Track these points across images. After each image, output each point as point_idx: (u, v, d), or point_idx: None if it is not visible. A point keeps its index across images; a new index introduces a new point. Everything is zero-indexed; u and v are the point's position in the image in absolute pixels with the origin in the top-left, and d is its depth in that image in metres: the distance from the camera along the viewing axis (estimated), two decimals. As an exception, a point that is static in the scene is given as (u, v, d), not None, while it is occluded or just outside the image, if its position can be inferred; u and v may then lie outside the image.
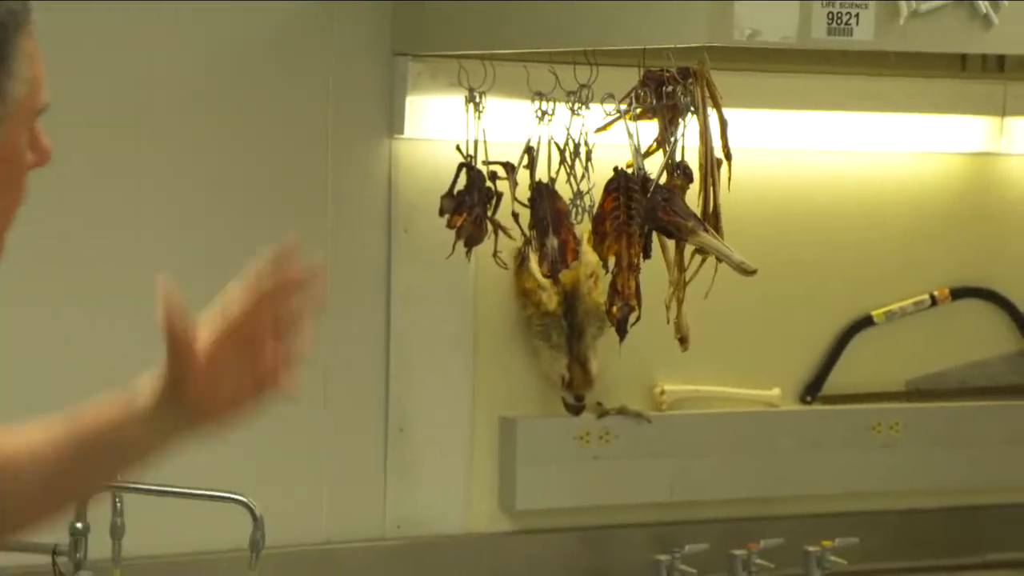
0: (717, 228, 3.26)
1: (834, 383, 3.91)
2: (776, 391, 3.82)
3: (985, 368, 4.06)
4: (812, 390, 3.86)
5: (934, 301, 3.93)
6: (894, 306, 3.91)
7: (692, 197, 3.27)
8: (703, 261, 3.24)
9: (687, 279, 3.27)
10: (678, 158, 3.27)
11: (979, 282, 4.02)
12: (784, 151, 3.92)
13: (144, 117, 3.53)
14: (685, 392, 3.76)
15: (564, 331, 3.58)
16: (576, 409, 3.56)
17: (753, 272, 3.21)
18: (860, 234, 3.95)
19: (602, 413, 3.60)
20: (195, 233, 3.59)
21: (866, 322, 3.90)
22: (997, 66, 3.90)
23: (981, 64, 3.91)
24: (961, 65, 3.87)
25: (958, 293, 3.97)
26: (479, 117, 3.40)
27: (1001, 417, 4.07)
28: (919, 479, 4.00)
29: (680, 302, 3.28)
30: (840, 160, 3.96)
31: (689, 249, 3.25)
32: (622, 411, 3.62)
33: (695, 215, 3.25)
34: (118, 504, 2.95)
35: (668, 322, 3.30)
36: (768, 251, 3.64)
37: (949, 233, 4.04)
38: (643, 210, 3.26)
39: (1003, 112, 3.96)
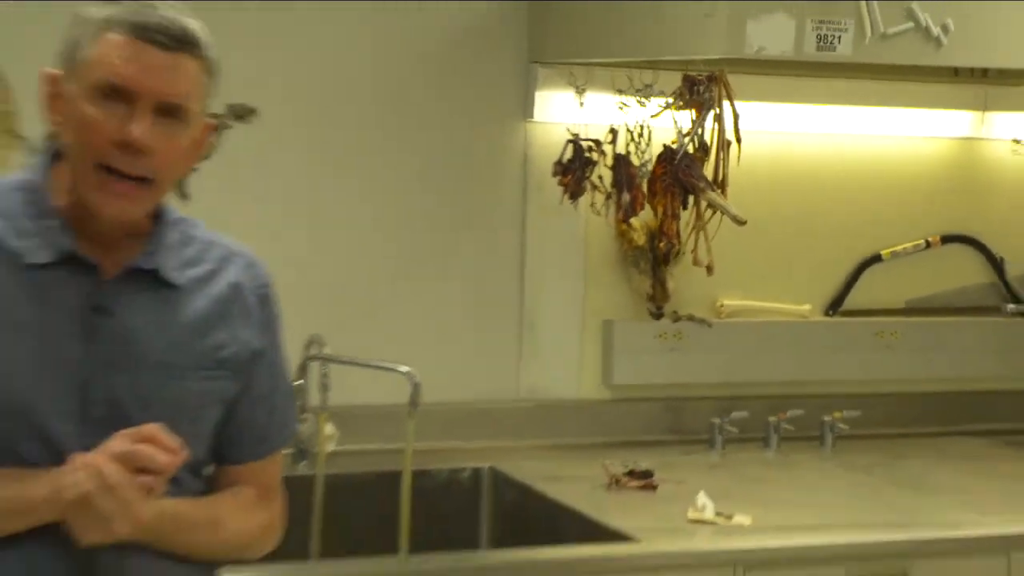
0: (724, 190, 3.72)
1: (851, 302, 4.27)
2: (807, 306, 4.21)
3: (964, 293, 4.41)
4: (834, 306, 4.25)
5: (928, 244, 4.28)
6: (898, 247, 4.26)
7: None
8: (714, 213, 3.72)
9: (702, 223, 3.76)
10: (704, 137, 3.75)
11: (962, 231, 4.36)
12: (823, 135, 4.28)
13: (346, 114, 3.88)
14: (739, 306, 4.12)
15: (649, 260, 4.01)
16: (657, 315, 4.02)
17: (744, 223, 3.67)
18: (875, 195, 4.30)
19: (676, 319, 4.03)
20: (390, 201, 3.93)
21: (876, 259, 4.24)
22: (982, 73, 4.15)
23: (970, 72, 4.18)
24: (955, 72, 4.14)
25: (946, 239, 4.32)
26: (582, 106, 3.87)
27: (974, 328, 4.42)
28: (910, 372, 4.33)
29: (698, 240, 3.79)
30: (863, 143, 4.31)
31: (702, 204, 3.77)
32: (690, 318, 4.03)
33: (706, 178, 3.71)
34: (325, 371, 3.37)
35: (695, 259, 3.83)
36: (805, 206, 4.21)
37: (941, 196, 4.37)
38: (677, 170, 3.75)
39: (984, 108, 4.28)
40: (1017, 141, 4.33)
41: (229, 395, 2.17)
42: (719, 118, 3.72)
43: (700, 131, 3.73)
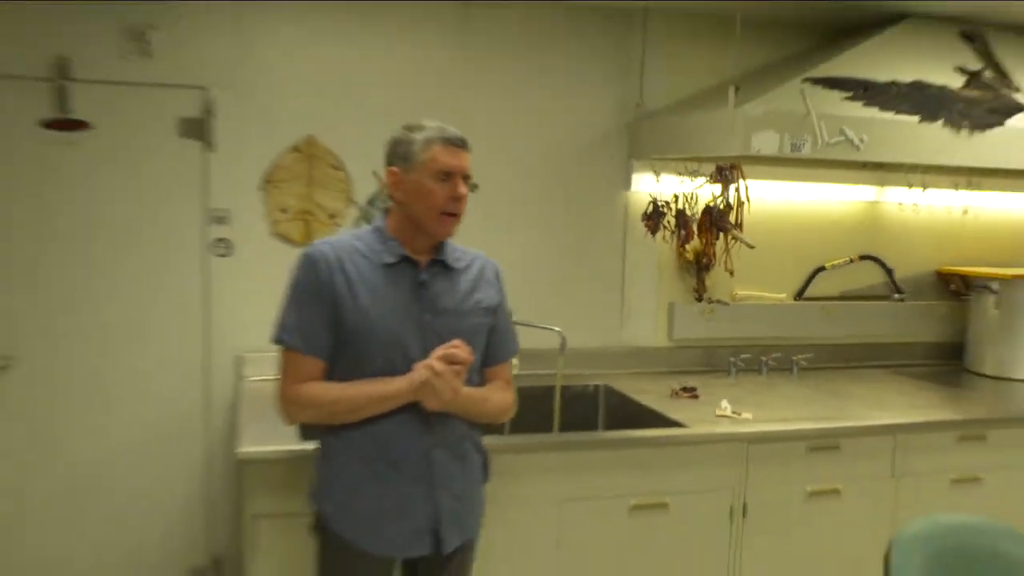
0: (741, 228, 3.86)
1: (808, 292, 4.23)
2: (784, 294, 4.18)
3: (871, 288, 4.33)
4: (799, 295, 4.21)
5: (851, 260, 4.25)
6: (835, 261, 4.23)
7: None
8: (735, 242, 3.87)
9: (729, 248, 3.89)
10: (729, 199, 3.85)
11: (870, 252, 4.30)
12: (795, 198, 4.13)
13: (529, 184, 3.78)
14: (747, 295, 4.10)
15: (694, 269, 3.99)
16: (699, 300, 4.02)
17: (753, 247, 3.84)
18: (823, 232, 4.23)
19: (709, 301, 4.02)
20: (552, 233, 3.85)
21: (822, 268, 4.21)
22: (877, 165, 3.87)
23: (875, 165, 3.83)
24: (863, 165, 3.83)
25: (863, 257, 4.27)
26: (658, 182, 3.89)
27: (876, 308, 4.32)
28: (841, 332, 4.27)
29: (727, 258, 3.90)
30: (816, 202, 4.20)
31: (730, 238, 3.88)
32: (718, 301, 4.03)
33: (731, 222, 3.86)
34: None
35: (724, 267, 3.92)
36: (784, 238, 4.14)
37: (859, 233, 4.29)
38: (713, 218, 3.86)
39: (882, 184, 4.25)
40: (901, 204, 4.32)
41: (487, 327, 2.40)
42: (737, 188, 3.87)
43: (726, 196, 3.86)
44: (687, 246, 3.94)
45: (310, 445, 2.60)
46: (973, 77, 3.61)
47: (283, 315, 2.28)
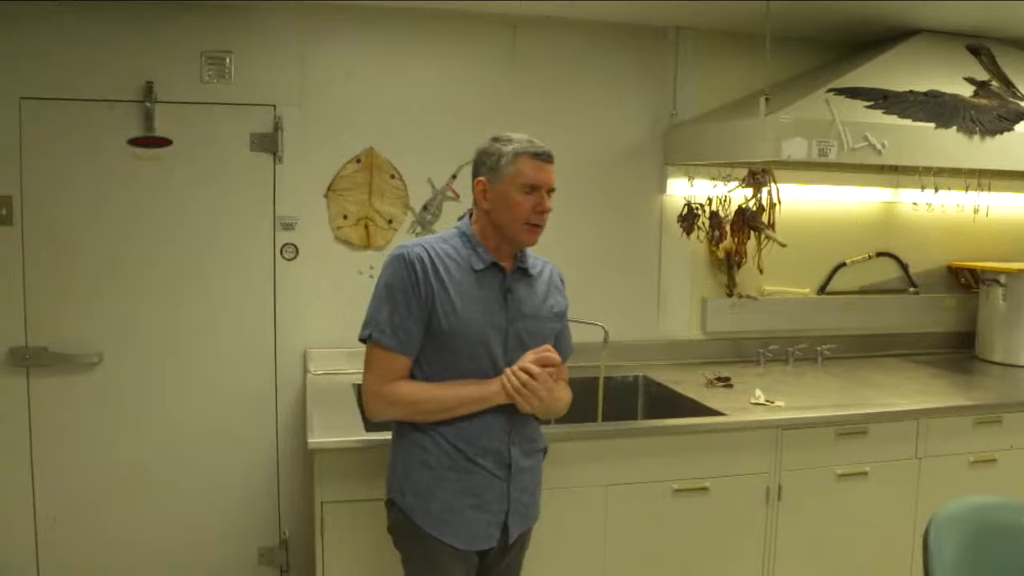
0: (773, 228, 3.79)
1: (830, 287, 4.17)
2: (808, 289, 4.12)
3: (888, 283, 4.28)
4: (822, 289, 4.14)
5: (870, 257, 4.21)
6: (855, 258, 4.18)
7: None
8: (769, 240, 3.80)
9: (761, 247, 3.83)
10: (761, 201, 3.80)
11: (887, 250, 4.25)
12: (821, 199, 4.08)
13: (577, 188, 3.70)
14: (773, 289, 4.04)
15: (725, 266, 3.95)
16: (730, 295, 3.98)
17: (785, 246, 3.78)
18: (843, 231, 4.17)
19: (739, 296, 3.98)
20: (598, 233, 3.81)
21: (843, 264, 4.16)
22: (893, 168, 3.88)
23: (892, 168, 3.85)
24: (880, 168, 3.86)
25: (880, 254, 4.23)
26: (692, 186, 3.85)
27: (893, 301, 4.27)
28: (861, 323, 4.20)
29: (760, 256, 3.84)
30: (839, 203, 4.13)
31: (762, 238, 3.82)
32: (747, 296, 3.99)
33: (764, 222, 3.80)
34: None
35: (756, 264, 3.88)
36: (809, 237, 4.04)
37: (876, 231, 4.24)
38: (746, 219, 3.80)
39: (897, 186, 4.17)
40: (915, 204, 4.23)
41: (557, 330, 2.36)
42: (769, 191, 3.81)
43: (759, 198, 3.81)
44: (719, 245, 3.88)
45: (376, 436, 2.62)
46: (981, 87, 3.56)
47: (374, 313, 2.20)
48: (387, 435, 2.56)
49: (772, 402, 3.24)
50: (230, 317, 3.47)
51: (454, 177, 3.66)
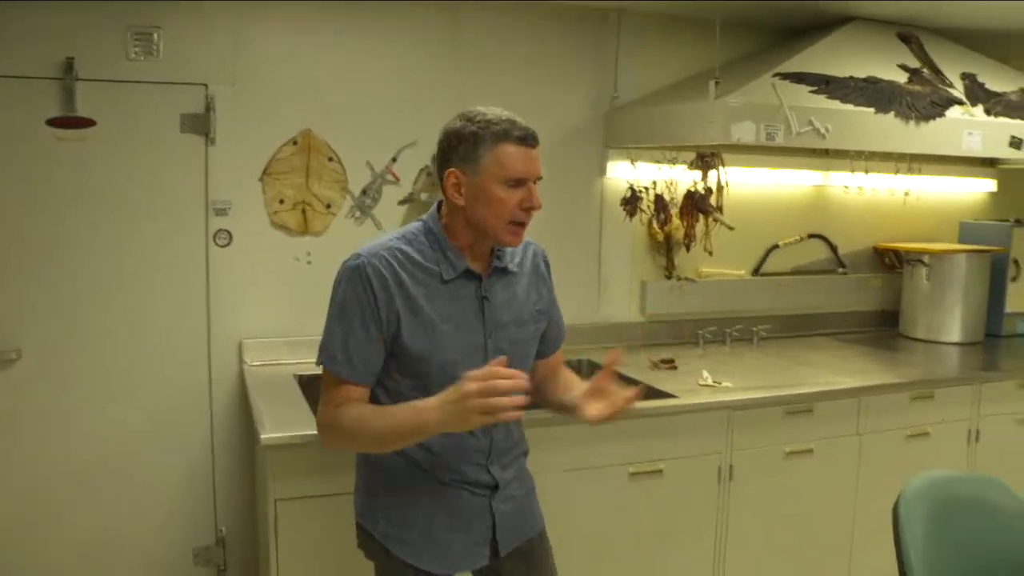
0: (720, 210, 3.81)
1: (764, 268, 4.24)
2: (743, 271, 4.18)
3: (818, 263, 4.36)
4: (756, 271, 4.21)
5: (801, 239, 4.29)
6: (787, 240, 4.27)
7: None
8: (715, 223, 3.83)
9: (709, 230, 3.85)
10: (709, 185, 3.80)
11: (817, 231, 4.34)
12: (762, 183, 4.11)
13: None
14: (711, 272, 4.08)
15: (664, 248, 3.95)
16: (668, 277, 3.99)
17: (732, 228, 3.81)
18: (778, 213, 4.24)
19: (678, 279, 4.00)
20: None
21: (776, 246, 4.23)
22: (824, 152, 4.06)
23: (823, 152, 4.07)
24: (812, 151, 4.02)
25: (811, 236, 4.31)
26: (635, 168, 3.83)
27: (823, 281, 4.37)
28: (793, 304, 4.29)
29: (707, 239, 3.88)
30: (777, 186, 4.20)
31: (710, 220, 3.84)
32: (685, 278, 4.02)
33: (711, 204, 3.80)
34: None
35: (704, 247, 3.90)
36: (746, 218, 4.03)
37: (807, 213, 4.33)
38: (695, 202, 3.81)
39: (827, 169, 4.23)
40: (846, 187, 4.33)
41: (544, 327, 2.10)
42: (718, 174, 3.82)
43: (706, 181, 3.81)
44: (662, 228, 3.89)
45: None
46: (914, 73, 3.63)
47: (329, 337, 1.89)
48: None
49: (720, 383, 3.26)
50: (160, 307, 3.31)
51: (394, 160, 3.57)
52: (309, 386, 3.16)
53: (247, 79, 3.33)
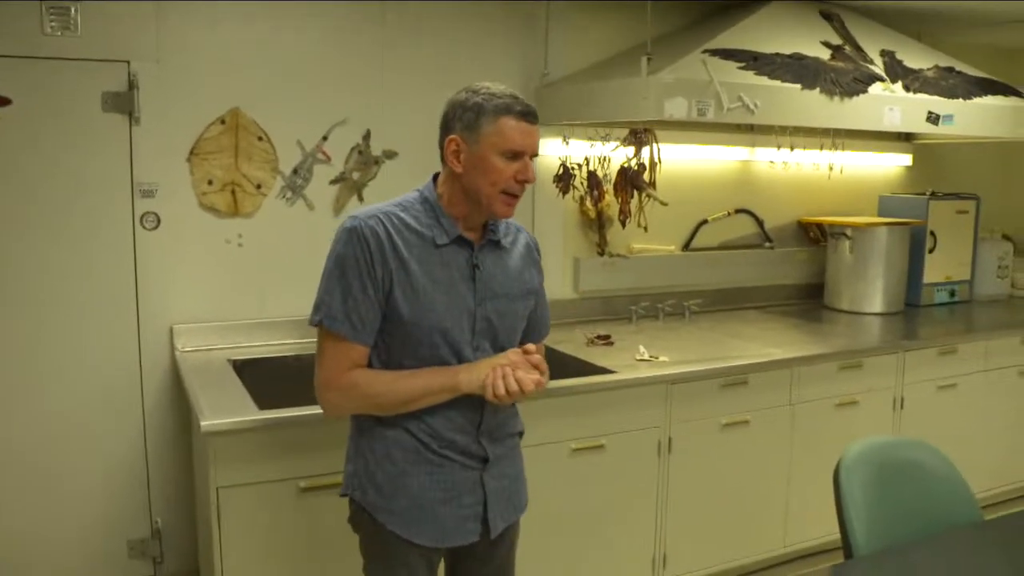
0: (654, 186, 3.83)
1: (694, 244, 4.30)
2: (673, 247, 4.23)
3: (745, 238, 4.45)
4: (686, 246, 4.27)
5: (729, 214, 4.38)
6: (715, 215, 4.34)
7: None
8: (649, 199, 3.87)
9: (643, 206, 3.90)
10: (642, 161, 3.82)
11: (744, 206, 4.43)
12: (692, 158, 4.17)
13: (436, 150, 3.61)
14: (641, 248, 4.12)
15: (596, 225, 3.98)
16: (601, 254, 4.02)
17: (666, 204, 3.86)
18: (706, 189, 4.31)
19: (610, 255, 4.03)
20: None
21: (705, 221, 4.30)
22: (749, 128, 4.20)
23: (749, 127, 4.19)
24: (738, 127, 4.14)
25: (738, 211, 4.40)
26: (567, 146, 3.83)
27: (750, 256, 4.43)
28: (723, 278, 4.37)
29: (642, 215, 3.91)
30: (706, 161, 4.26)
31: (644, 196, 3.88)
32: (617, 255, 4.06)
33: (645, 180, 3.82)
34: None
35: (638, 223, 3.93)
36: (677, 194, 4.06)
37: (735, 188, 4.41)
38: (628, 178, 3.84)
39: (753, 144, 4.33)
40: (772, 162, 4.42)
41: (531, 307, 2.13)
42: (651, 151, 3.84)
43: (639, 157, 3.83)
44: (595, 204, 3.90)
45: (273, 414, 2.55)
46: (836, 50, 3.73)
47: (325, 296, 1.94)
48: (283, 413, 2.55)
49: (656, 358, 3.30)
50: (86, 294, 3.20)
51: (324, 139, 3.53)
52: (244, 370, 3.16)
53: (171, 56, 3.23)
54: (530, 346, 1.98)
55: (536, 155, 1.98)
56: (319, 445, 2.56)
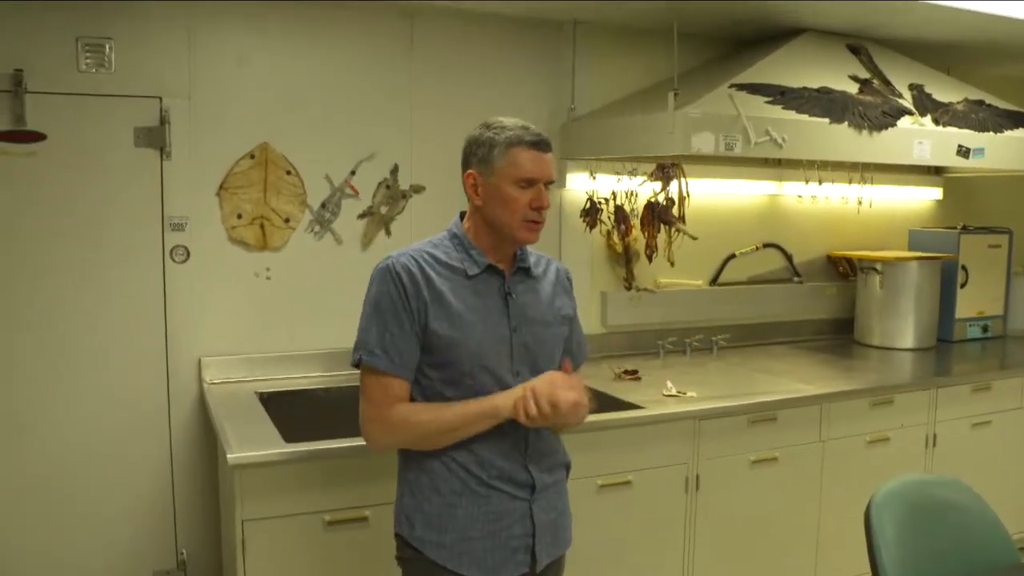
0: (684, 221, 3.80)
1: (722, 278, 4.30)
2: (701, 281, 4.23)
3: (774, 273, 4.43)
4: (714, 281, 4.27)
5: (757, 248, 4.35)
6: (743, 249, 4.32)
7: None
8: (679, 234, 3.84)
9: (672, 241, 3.85)
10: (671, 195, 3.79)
11: (773, 241, 4.41)
12: (721, 192, 4.17)
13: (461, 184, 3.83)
14: (669, 283, 4.12)
15: (623, 259, 3.98)
16: (628, 288, 4.01)
17: (696, 239, 3.86)
18: (735, 223, 4.30)
19: (637, 289, 4.02)
20: None
21: (733, 256, 4.29)
22: (776, 162, 4.19)
23: (776, 161, 4.17)
24: (765, 161, 4.14)
25: (766, 245, 4.38)
26: (593, 180, 3.84)
27: (778, 290, 4.45)
28: (751, 313, 4.35)
29: (670, 250, 3.87)
30: (735, 195, 4.25)
31: (673, 231, 3.85)
32: (645, 289, 4.04)
33: (674, 216, 3.79)
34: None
35: (666, 257, 3.88)
36: (705, 228, 4.03)
37: (763, 222, 4.40)
38: (656, 213, 3.82)
39: (781, 179, 4.31)
40: (800, 196, 4.39)
41: (566, 334, 2.18)
42: (679, 185, 3.81)
43: (667, 192, 3.81)
44: (623, 239, 3.91)
45: (299, 447, 2.55)
46: (864, 84, 3.73)
47: (363, 334, 2.00)
48: (310, 446, 2.54)
49: (684, 393, 3.28)
50: (116, 325, 3.24)
51: (353, 173, 3.56)
52: (271, 403, 3.16)
53: (202, 92, 3.30)
54: (568, 366, 2.04)
55: (552, 181, 2.03)
56: (345, 479, 2.56)
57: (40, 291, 3.16)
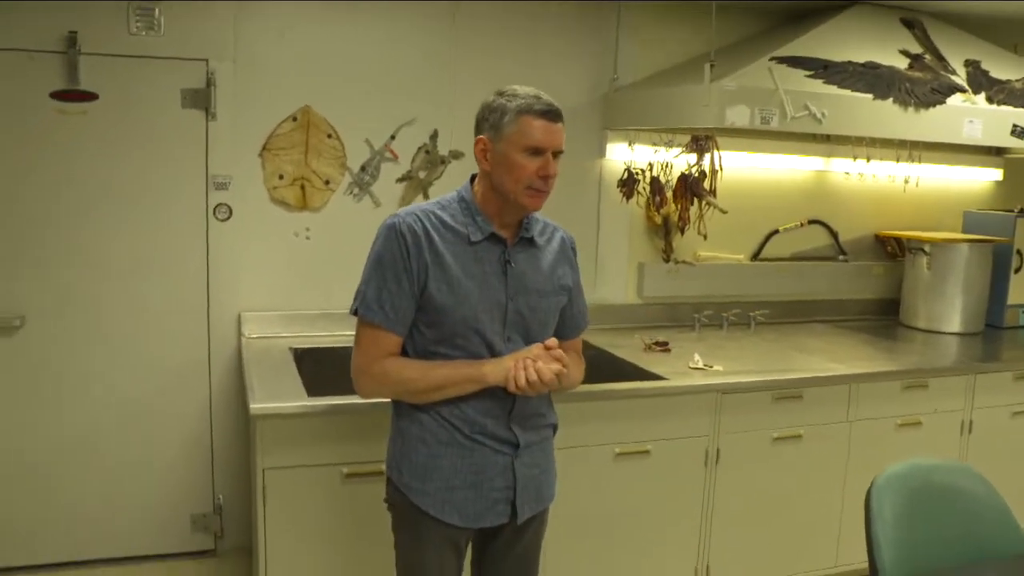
0: (714, 194, 3.85)
1: (764, 253, 4.25)
2: (742, 255, 4.21)
3: (818, 250, 4.36)
4: (755, 256, 4.23)
5: (801, 225, 4.29)
6: (787, 225, 4.27)
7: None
8: (710, 207, 3.88)
9: (703, 213, 3.90)
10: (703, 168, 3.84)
11: (818, 217, 4.34)
12: (759, 167, 4.12)
13: None
14: (708, 256, 4.11)
15: (662, 231, 3.98)
16: (666, 260, 4.01)
17: (726, 212, 3.85)
18: (778, 198, 4.25)
19: (675, 262, 4.02)
20: None
21: (776, 232, 4.24)
22: (825, 137, 4.11)
23: (825, 137, 4.09)
24: (813, 137, 4.06)
25: (811, 221, 4.31)
26: (632, 151, 3.86)
27: (823, 268, 4.37)
28: (792, 289, 4.30)
29: (701, 222, 3.90)
30: (776, 170, 4.19)
31: (703, 204, 3.89)
32: (683, 261, 4.04)
33: (706, 188, 3.84)
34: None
35: (697, 230, 3.92)
36: (745, 202, 4.09)
37: (808, 199, 4.33)
38: (688, 185, 3.84)
39: (829, 155, 4.25)
40: (847, 173, 4.33)
41: (564, 304, 2.21)
42: (712, 158, 3.84)
43: (700, 165, 3.83)
44: (658, 210, 3.89)
45: (319, 401, 2.61)
46: (915, 59, 3.63)
47: (363, 286, 2.07)
48: (329, 401, 2.61)
49: (711, 367, 3.27)
50: (161, 279, 3.38)
51: (392, 138, 3.62)
52: (304, 359, 3.26)
53: (247, 55, 3.39)
54: (551, 341, 2.05)
55: (561, 152, 2.03)
56: (363, 433, 2.61)
57: (87, 245, 3.30)
